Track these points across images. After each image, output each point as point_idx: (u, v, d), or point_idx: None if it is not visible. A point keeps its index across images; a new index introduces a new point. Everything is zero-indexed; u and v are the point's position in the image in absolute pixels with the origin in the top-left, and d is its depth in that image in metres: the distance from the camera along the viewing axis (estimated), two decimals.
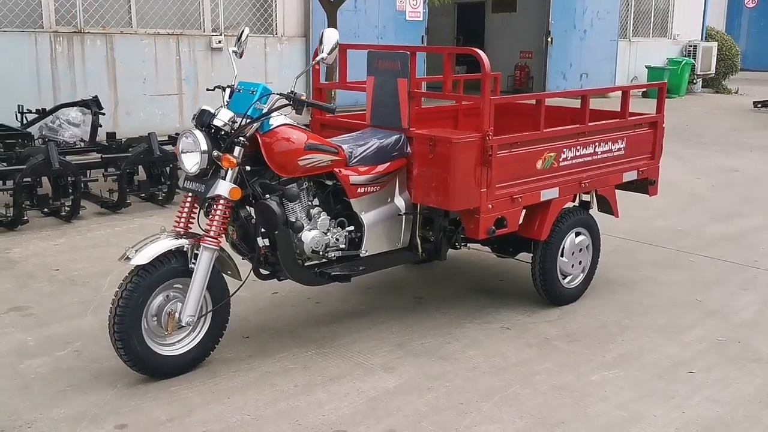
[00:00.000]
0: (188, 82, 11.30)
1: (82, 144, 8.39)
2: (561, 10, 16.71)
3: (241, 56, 4.07)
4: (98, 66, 10.49)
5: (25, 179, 6.11)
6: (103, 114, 8.75)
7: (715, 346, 4.17)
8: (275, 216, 3.59)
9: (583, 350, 4.08)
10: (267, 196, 3.66)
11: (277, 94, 3.69)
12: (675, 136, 11.94)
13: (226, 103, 3.79)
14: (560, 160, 4.40)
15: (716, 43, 19.62)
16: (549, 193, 4.38)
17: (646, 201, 7.53)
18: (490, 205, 4.05)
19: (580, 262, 4.72)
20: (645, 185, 5.09)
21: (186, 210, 3.73)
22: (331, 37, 3.72)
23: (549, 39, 16.66)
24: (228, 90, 3.86)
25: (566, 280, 4.67)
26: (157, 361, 3.57)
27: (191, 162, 3.60)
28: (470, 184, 3.94)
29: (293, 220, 3.75)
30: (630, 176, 4.91)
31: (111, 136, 8.21)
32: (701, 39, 19.76)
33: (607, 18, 17.43)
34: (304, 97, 3.68)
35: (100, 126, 8.54)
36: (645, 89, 13.31)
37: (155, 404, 3.39)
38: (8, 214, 6.13)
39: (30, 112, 8.98)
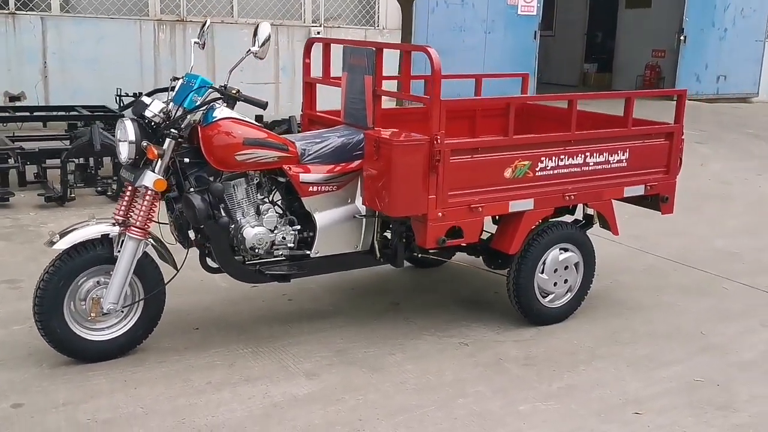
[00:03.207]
0: (285, 72, 11.53)
1: None
2: (698, 7, 15.54)
3: (203, 47, 4.07)
4: (198, 53, 10.90)
5: (72, 158, 6.46)
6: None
7: (687, 386, 3.72)
8: (195, 210, 3.57)
9: (532, 376, 3.77)
10: (191, 190, 3.64)
11: (210, 87, 3.66)
12: None
13: (174, 95, 3.81)
14: (537, 169, 4.07)
15: None
16: (520, 205, 4.06)
17: (717, 218, 6.93)
18: (440, 213, 3.81)
19: (566, 281, 4.35)
20: (656, 202, 4.61)
21: (126, 198, 3.78)
22: (263, 30, 3.65)
23: (682, 37, 15.55)
24: (179, 82, 3.88)
25: (547, 298, 4.33)
26: (81, 344, 3.65)
27: (123, 151, 3.64)
28: (414, 189, 3.72)
29: (221, 215, 3.71)
30: (634, 191, 4.46)
31: None
32: None
33: (754, 16, 16.05)
34: (234, 91, 3.64)
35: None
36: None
37: (64, 387, 3.47)
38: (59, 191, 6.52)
39: (127, 95, 9.51)
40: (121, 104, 9.41)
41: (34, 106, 9.54)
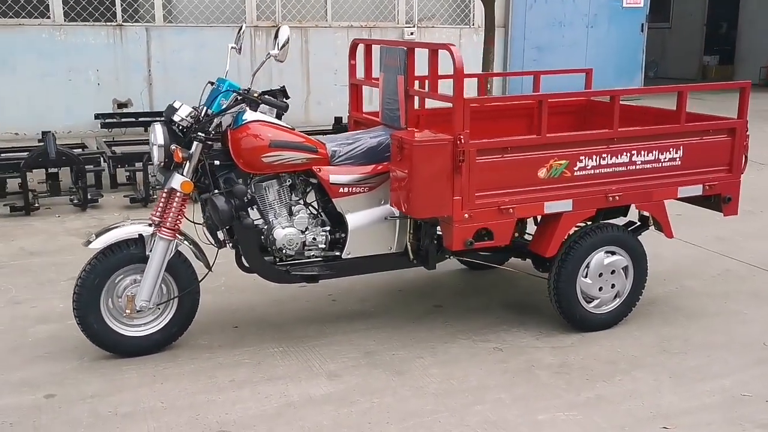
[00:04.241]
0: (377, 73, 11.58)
1: None
2: None
3: (239, 52, 4.16)
4: (293, 57, 11.15)
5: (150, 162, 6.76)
6: (287, 104, 9.34)
7: (731, 401, 3.46)
8: (218, 211, 3.64)
9: (561, 384, 3.61)
10: (216, 191, 3.72)
11: (234, 91, 3.74)
12: None
13: (205, 99, 3.92)
14: (575, 169, 3.89)
15: None
16: (557, 206, 3.90)
17: None
18: (466, 215, 3.72)
19: (613, 286, 4.14)
20: (718, 202, 4.30)
21: (162, 200, 3.91)
22: (283, 33, 3.69)
23: None
24: (212, 86, 3.99)
25: (593, 304, 4.13)
26: (116, 339, 3.80)
27: (155, 154, 3.77)
28: (438, 190, 3.64)
29: (246, 216, 3.77)
30: (690, 191, 4.19)
31: None
32: None
33: None
34: (256, 95, 3.70)
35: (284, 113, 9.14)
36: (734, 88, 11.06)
37: (96, 380, 3.63)
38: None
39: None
40: None
41: (139, 112, 10.08)
